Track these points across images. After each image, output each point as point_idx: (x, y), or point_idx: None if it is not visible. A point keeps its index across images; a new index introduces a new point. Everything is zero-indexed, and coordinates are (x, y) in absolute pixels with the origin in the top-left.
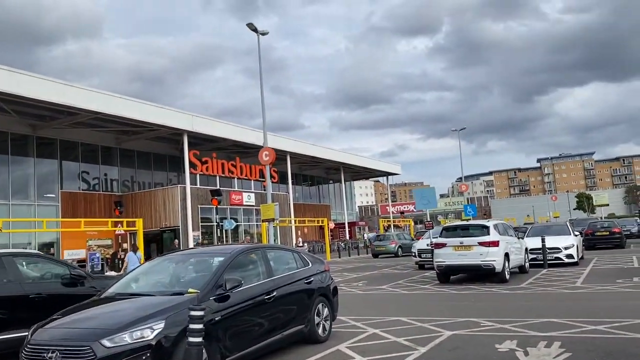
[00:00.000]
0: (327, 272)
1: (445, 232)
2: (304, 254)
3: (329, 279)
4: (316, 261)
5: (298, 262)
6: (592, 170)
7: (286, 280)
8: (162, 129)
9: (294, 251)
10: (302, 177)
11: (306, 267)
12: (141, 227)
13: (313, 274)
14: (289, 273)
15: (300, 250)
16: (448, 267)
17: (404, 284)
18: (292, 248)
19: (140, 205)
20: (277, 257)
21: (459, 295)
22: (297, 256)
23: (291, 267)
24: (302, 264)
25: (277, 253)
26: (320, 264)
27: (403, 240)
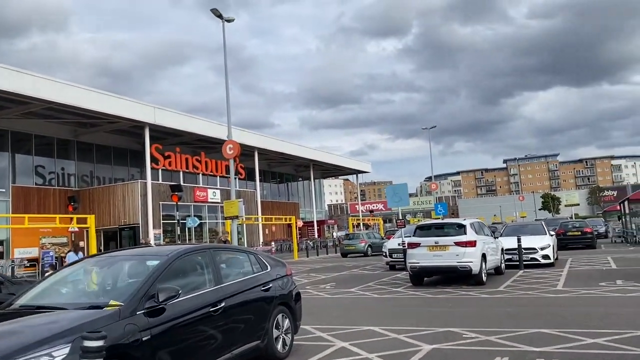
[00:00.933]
0: (289, 277)
1: (419, 230)
2: (262, 256)
3: (291, 285)
4: (276, 264)
5: (254, 265)
6: (557, 172)
7: (238, 287)
8: (122, 121)
9: (250, 253)
10: (270, 174)
11: (264, 271)
12: (93, 224)
13: (272, 279)
14: (243, 279)
15: (258, 251)
16: (422, 269)
17: (375, 286)
18: (247, 249)
19: (98, 202)
20: (227, 260)
21: (434, 299)
22: (253, 258)
23: (246, 271)
24: (259, 268)
25: (228, 255)
26: (281, 267)
27: (373, 240)
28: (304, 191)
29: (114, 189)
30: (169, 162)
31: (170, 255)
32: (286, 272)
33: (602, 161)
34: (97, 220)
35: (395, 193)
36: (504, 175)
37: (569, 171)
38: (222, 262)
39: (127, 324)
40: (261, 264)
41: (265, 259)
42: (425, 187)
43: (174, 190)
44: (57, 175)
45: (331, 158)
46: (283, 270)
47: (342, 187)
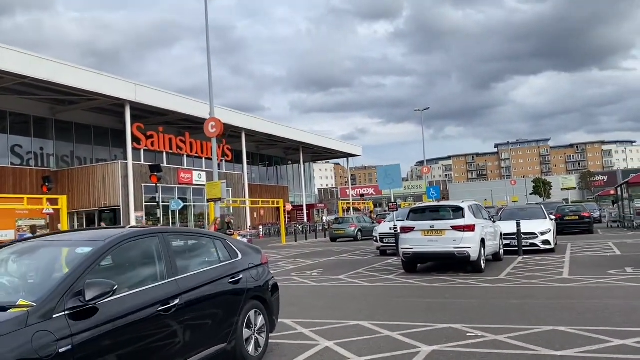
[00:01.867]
0: (264, 266)
1: (413, 214)
2: (231, 242)
3: (267, 275)
4: (249, 251)
5: (221, 252)
6: (548, 157)
7: (199, 280)
8: (101, 98)
9: (217, 238)
10: (259, 157)
11: (233, 259)
12: (65, 206)
13: (243, 269)
14: (206, 270)
15: (227, 236)
16: (416, 255)
17: (365, 273)
18: (213, 234)
19: (77, 183)
20: (187, 248)
21: (430, 289)
22: (220, 244)
23: (210, 260)
24: (226, 256)
25: (188, 241)
26: (254, 255)
27: (363, 224)
28: (293, 175)
29: (94, 169)
30: (151, 142)
31: (107, 242)
32: (261, 261)
33: (592, 146)
34: (76, 202)
35: (387, 175)
36: (495, 160)
37: (559, 156)
38: (179, 250)
39: (37, 331)
40: (230, 251)
41: (235, 245)
42: (416, 171)
43: (153, 171)
44: (35, 155)
45: (321, 141)
46: (257, 258)
47: (332, 172)
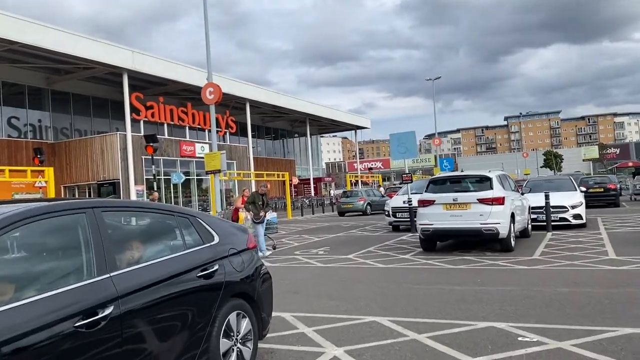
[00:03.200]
0: (250, 252)
1: (433, 185)
2: (205, 220)
3: (254, 263)
4: (230, 232)
5: (189, 235)
6: (558, 129)
7: (150, 276)
8: (98, 66)
9: (183, 215)
10: (265, 130)
11: (207, 244)
12: (52, 178)
13: (220, 256)
14: (161, 260)
15: (199, 213)
16: (437, 232)
17: (377, 252)
18: (176, 208)
19: (75, 156)
20: (133, 230)
21: (455, 272)
22: (187, 224)
23: (172, 246)
24: (197, 240)
25: (135, 220)
26: (238, 237)
27: (372, 197)
28: (300, 148)
29: (92, 141)
30: (151, 113)
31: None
32: (247, 244)
33: (604, 118)
34: (75, 176)
35: (400, 143)
36: (505, 133)
37: (570, 129)
38: (121, 233)
39: None
40: (202, 233)
41: (211, 224)
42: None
43: (148, 141)
44: (31, 127)
45: (328, 112)
46: (241, 240)
47: (340, 146)
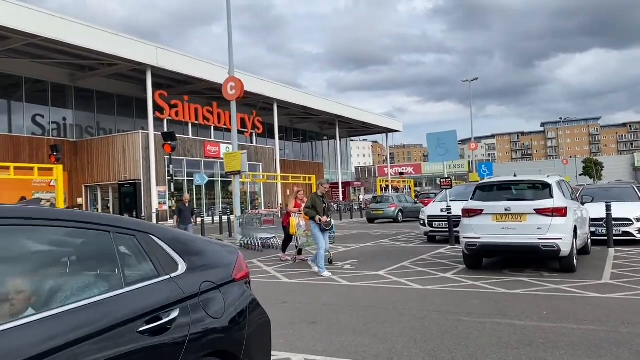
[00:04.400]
0: (238, 285)
1: (481, 192)
2: (163, 239)
3: (242, 301)
4: (207, 257)
5: (134, 264)
6: (597, 136)
7: (49, 335)
8: (121, 63)
9: (126, 230)
10: (293, 132)
11: (164, 277)
12: (61, 176)
13: (185, 295)
14: (73, 308)
15: (158, 228)
16: (485, 247)
17: (412, 268)
18: (115, 220)
19: (97, 154)
20: (37, 255)
21: (510, 299)
22: (132, 244)
23: (102, 281)
24: (147, 271)
25: (45, 238)
26: (220, 262)
27: (404, 204)
28: (329, 151)
29: (114, 140)
30: (175, 112)
31: None
32: (233, 275)
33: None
34: (96, 175)
35: (439, 143)
36: (541, 139)
37: (610, 135)
38: (15, 259)
39: None
40: (158, 260)
41: (176, 245)
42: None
43: (167, 139)
44: (54, 125)
45: (359, 114)
46: (224, 268)
47: (370, 150)
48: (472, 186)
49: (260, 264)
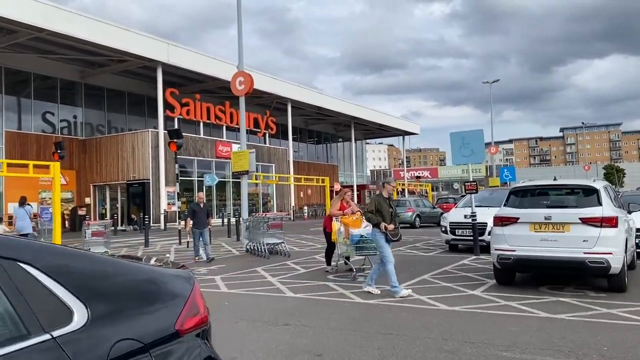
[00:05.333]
0: (185, 342)
1: (516, 197)
2: (44, 269)
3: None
4: (129, 297)
5: None
6: (618, 142)
7: None
8: (131, 59)
9: None
10: (307, 133)
11: (40, 336)
12: (58, 174)
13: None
14: None
15: (39, 249)
16: (521, 261)
17: (434, 282)
18: None
19: (105, 153)
20: None
21: (557, 326)
22: None
23: None
24: (10, 327)
25: None
26: (158, 304)
27: (422, 208)
28: (344, 153)
29: (123, 138)
30: (186, 110)
31: None
32: (174, 327)
33: None
34: (104, 174)
35: (464, 143)
36: (560, 145)
37: (632, 142)
38: None
39: None
40: (28, 307)
41: (70, 277)
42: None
43: (172, 137)
44: (63, 123)
45: (376, 116)
46: (164, 317)
47: (385, 153)
48: (497, 191)
49: (264, 273)
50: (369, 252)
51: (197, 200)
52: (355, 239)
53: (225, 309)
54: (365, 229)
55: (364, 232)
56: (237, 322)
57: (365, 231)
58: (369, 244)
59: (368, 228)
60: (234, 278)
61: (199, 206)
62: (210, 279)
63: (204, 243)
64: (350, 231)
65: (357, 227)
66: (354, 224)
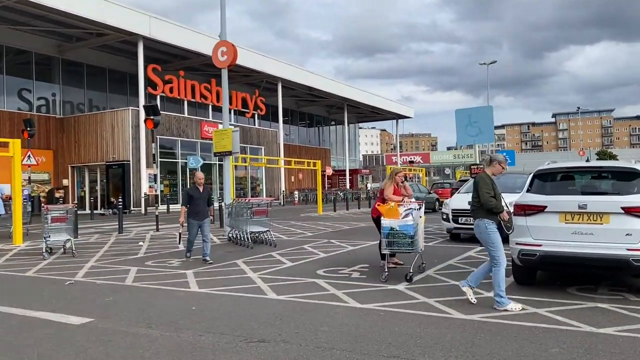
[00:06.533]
0: None
1: (541, 181)
2: None
3: None
4: None
5: None
6: (610, 128)
7: None
8: (111, 32)
9: None
10: (299, 115)
11: None
12: (19, 152)
13: None
14: None
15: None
16: (548, 258)
17: (441, 279)
18: None
19: (84, 133)
20: None
21: (605, 343)
22: None
23: None
24: None
25: None
26: None
27: (417, 194)
28: (336, 137)
29: (102, 117)
30: (170, 87)
31: None
32: None
33: None
34: (83, 155)
35: (471, 122)
36: (552, 131)
37: (623, 128)
38: None
39: None
40: None
41: None
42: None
43: (149, 113)
44: (41, 100)
45: (369, 98)
46: None
47: (378, 138)
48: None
49: (244, 267)
50: (399, 248)
51: (195, 182)
52: (386, 231)
53: (190, 316)
54: (404, 219)
55: (396, 225)
56: (201, 336)
57: (401, 223)
58: (401, 238)
59: (407, 219)
60: (209, 273)
61: (197, 190)
62: (180, 274)
63: (204, 239)
64: (382, 222)
65: (394, 217)
66: (390, 213)
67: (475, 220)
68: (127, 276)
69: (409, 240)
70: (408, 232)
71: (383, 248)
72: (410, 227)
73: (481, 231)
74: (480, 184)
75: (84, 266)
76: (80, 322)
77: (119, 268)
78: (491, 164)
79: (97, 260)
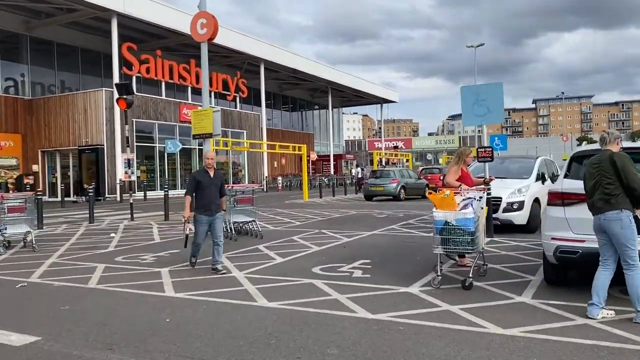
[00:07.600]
0: None
1: (579, 165)
2: None
3: None
4: None
5: None
6: (589, 114)
7: None
8: (81, 7)
9: None
10: (281, 99)
11: None
12: None
13: None
14: None
15: None
16: (593, 257)
17: (455, 278)
18: None
19: (55, 115)
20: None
21: None
22: None
23: None
24: None
25: None
26: None
27: (407, 179)
28: (320, 121)
29: (74, 98)
30: (146, 67)
31: None
32: None
33: None
34: (54, 139)
35: (478, 100)
36: (532, 116)
37: (602, 114)
38: None
39: None
40: None
41: None
42: (448, 125)
43: (121, 92)
44: (6, 80)
45: (353, 82)
46: None
47: (360, 124)
48: (510, 159)
49: (228, 264)
50: (456, 247)
51: (203, 165)
52: (439, 226)
53: (163, 332)
54: (462, 212)
55: (452, 218)
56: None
57: (459, 216)
58: (459, 235)
59: (466, 211)
60: (188, 272)
61: (207, 175)
62: (154, 274)
63: (214, 241)
64: (433, 214)
65: (449, 209)
66: (444, 204)
67: (609, 212)
68: (92, 276)
69: (468, 238)
70: (467, 227)
71: (434, 246)
72: (470, 221)
73: (624, 226)
74: (626, 164)
75: (44, 263)
76: (23, 342)
77: (83, 266)
78: (615, 141)
79: (60, 256)
